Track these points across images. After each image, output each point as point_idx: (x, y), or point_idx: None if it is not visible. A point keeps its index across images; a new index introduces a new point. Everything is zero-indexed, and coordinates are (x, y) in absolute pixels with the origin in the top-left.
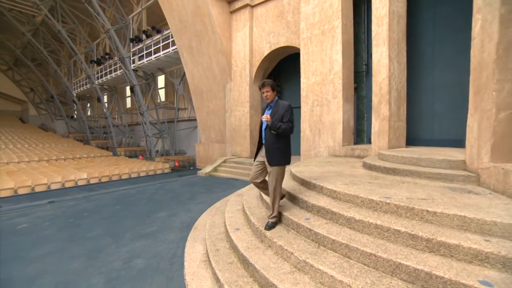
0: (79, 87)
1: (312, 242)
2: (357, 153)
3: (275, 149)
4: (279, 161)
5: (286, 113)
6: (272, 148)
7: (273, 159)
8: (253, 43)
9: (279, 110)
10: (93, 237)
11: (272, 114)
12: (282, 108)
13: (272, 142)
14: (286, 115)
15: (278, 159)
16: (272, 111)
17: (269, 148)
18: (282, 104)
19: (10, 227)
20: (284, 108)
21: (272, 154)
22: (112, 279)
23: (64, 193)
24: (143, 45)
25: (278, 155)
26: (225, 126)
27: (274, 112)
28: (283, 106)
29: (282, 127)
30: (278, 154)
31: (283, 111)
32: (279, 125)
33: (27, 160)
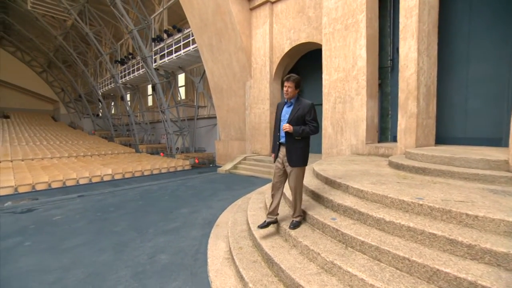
0: (104, 86)
1: (339, 243)
2: (381, 152)
3: (296, 149)
4: (299, 162)
5: (309, 112)
6: (292, 149)
7: (294, 159)
8: (273, 40)
9: (302, 108)
10: (119, 231)
11: (293, 112)
12: (305, 107)
13: (292, 142)
14: (309, 114)
15: (299, 160)
16: (293, 109)
17: (290, 148)
18: (304, 102)
19: (47, 218)
20: (308, 107)
21: (292, 155)
22: (138, 273)
23: (91, 187)
24: (165, 44)
25: (299, 155)
26: (245, 123)
27: (295, 110)
28: (306, 104)
29: (305, 131)
30: (299, 154)
31: (306, 110)
32: (301, 130)
33: (59, 156)
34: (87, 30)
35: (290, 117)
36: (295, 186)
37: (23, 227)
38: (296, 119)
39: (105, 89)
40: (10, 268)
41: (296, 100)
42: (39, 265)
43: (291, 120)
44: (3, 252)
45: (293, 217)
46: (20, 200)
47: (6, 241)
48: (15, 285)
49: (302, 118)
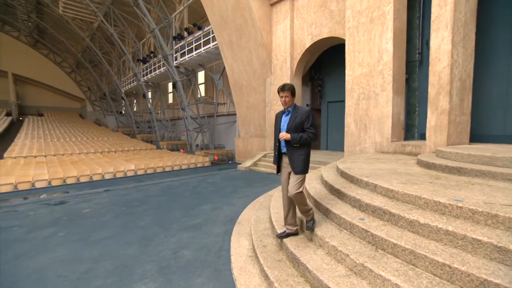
0: (127, 85)
1: (368, 245)
2: (408, 150)
3: (298, 157)
4: (303, 169)
5: (308, 119)
6: (295, 156)
7: (298, 167)
8: (294, 35)
9: (299, 116)
10: (144, 226)
11: (291, 121)
12: (303, 114)
13: (293, 150)
14: (307, 121)
15: (303, 167)
16: (290, 117)
17: (292, 156)
18: (301, 109)
19: (77, 211)
20: (305, 114)
21: (296, 163)
22: (163, 267)
23: (116, 182)
24: (185, 42)
25: (302, 162)
26: (265, 120)
27: (293, 118)
28: (303, 112)
29: (303, 137)
30: (302, 161)
31: (303, 117)
32: (299, 137)
33: (86, 151)
34: (112, 31)
35: (288, 125)
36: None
37: (57, 218)
38: (294, 127)
39: (128, 87)
40: (49, 256)
41: (293, 108)
42: (72, 255)
43: (290, 129)
44: (42, 240)
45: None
46: (53, 192)
47: (44, 230)
48: (52, 273)
49: (301, 126)
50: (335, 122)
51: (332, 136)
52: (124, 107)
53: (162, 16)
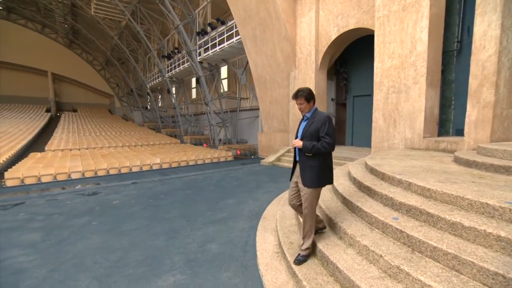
0: (152, 81)
1: (403, 246)
2: (442, 147)
3: (309, 168)
4: (312, 182)
5: (323, 126)
6: (305, 167)
7: (306, 179)
8: (319, 27)
9: (315, 121)
10: (170, 218)
11: (306, 127)
12: (318, 121)
13: (305, 160)
14: (323, 129)
15: (312, 180)
16: (307, 123)
17: (303, 166)
18: (319, 115)
19: (108, 202)
20: (321, 121)
21: (305, 174)
22: (191, 260)
23: (143, 175)
24: (208, 38)
25: (313, 175)
26: (288, 115)
27: (308, 125)
28: (320, 118)
29: (315, 147)
30: (313, 173)
31: (319, 124)
32: (311, 146)
33: (114, 145)
34: (138, 29)
35: (303, 132)
36: (306, 212)
37: (90, 208)
38: (309, 135)
39: (153, 83)
40: (85, 243)
41: (312, 113)
42: (105, 243)
43: (304, 136)
44: (79, 228)
45: (300, 249)
46: (86, 184)
47: (80, 219)
48: (89, 259)
49: (316, 133)
50: (361, 117)
51: (357, 132)
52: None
53: (186, 12)
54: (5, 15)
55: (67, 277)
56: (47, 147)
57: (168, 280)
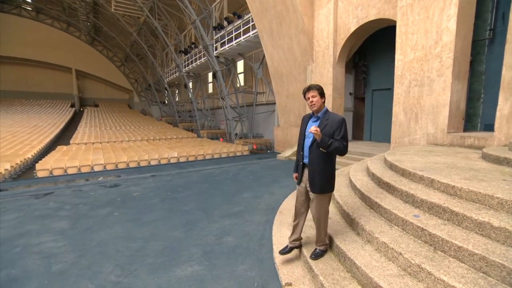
0: (170, 76)
1: (425, 244)
2: (469, 143)
3: (321, 172)
4: (324, 187)
5: (339, 129)
6: (317, 171)
7: (318, 184)
8: (337, 19)
9: (330, 123)
10: (188, 211)
11: (320, 127)
12: (335, 122)
13: (317, 164)
14: (339, 132)
15: (324, 184)
16: (319, 124)
17: (314, 171)
18: (333, 117)
19: (128, 194)
20: (337, 122)
21: (316, 179)
22: (208, 252)
23: (161, 168)
24: (225, 32)
25: (324, 179)
26: (305, 109)
27: (322, 126)
28: (336, 119)
29: (334, 144)
30: (324, 178)
31: (335, 126)
32: (330, 142)
33: (134, 139)
34: (156, 24)
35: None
36: (318, 216)
37: (112, 199)
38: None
39: (170, 78)
40: (108, 232)
41: (324, 114)
42: (126, 233)
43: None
44: (102, 218)
45: (316, 245)
46: (107, 176)
47: (103, 209)
48: (112, 247)
49: (330, 135)
50: (380, 111)
51: (376, 126)
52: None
53: (203, 7)
54: (34, 15)
55: (93, 263)
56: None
57: (186, 270)
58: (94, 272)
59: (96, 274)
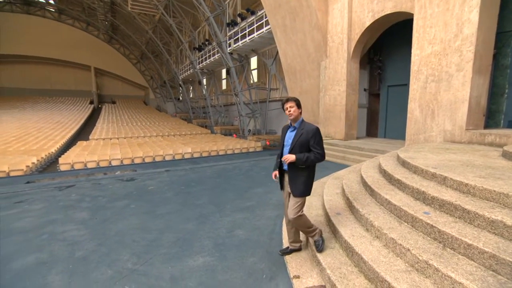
0: (184, 72)
1: (434, 241)
2: (489, 140)
3: (299, 177)
4: (303, 192)
5: (314, 137)
6: (295, 177)
7: (297, 189)
8: (352, 14)
9: (305, 132)
10: (200, 205)
11: (296, 137)
12: (309, 131)
13: (295, 171)
14: (313, 139)
15: (303, 189)
16: (296, 133)
17: (292, 176)
18: (308, 126)
19: (144, 187)
20: (312, 131)
21: (296, 184)
22: (219, 244)
23: (175, 164)
24: (238, 28)
25: (302, 184)
26: (319, 106)
27: (298, 135)
28: (310, 129)
29: (309, 159)
30: (302, 183)
31: (310, 135)
32: (305, 158)
33: (149, 135)
34: (171, 22)
35: (293, 142)
36: (296, 216)
37: (129, 192)
38: (299, 144)
39: (185, 75)
40: (125, 223)
41: (300, 123)
42: (142, 225)
43: (294, 146)
44: (119, 210)
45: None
46: (124, 170)
47: (120, 202)
48: (128, 237)
49: (306, 144)
50: (396, 108)
51: (391, 123)
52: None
53: (216, 4)
54: (57, 16)
55: (111, 251)
56: (91, 136)
57: (198, 261)
58: (112, 260)
59: (114, 261)
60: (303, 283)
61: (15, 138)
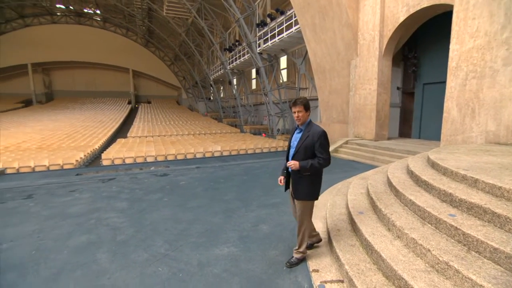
0: (215, 73)
1: (458, 244)
2: None
3: (302, 181)
4: (306, 195)
5: (319, 141)
6: (298, 180)
7: (300, 192)
8: (384, 9)
9: (311, 135)
10: (228, 200)
11: (301, 140)
12: (315, 134)
13: (300, 173)
14: (318, 143)
15: (306, 192)
16: (302, 136)
17: (295, 179)
18: (314, 129)
19: (176, 182)
20: (317, 135)
21: (298, 187)
22: (243, 237)
23: (205, 161)
24: (268, 28)
25: (306, 187)
26: (348, 105)
27: (304, 137)
28: (316, 132)
29: (313, 166)
30: (306, 186)
31: (315, 138)
32: (309, 165)
33: (181, 133)
34: (203, 24)
35: (298, 145)
36: (300, 220)
37: (162, 186)
38: (304, 148)
39: (215, 75)
40: (159, 214)
41: (307, 126)
42: (173, 216)
43: (299, 149)
44: (154, 202)
45: (294, 252)
46: (158, 166)
47: (154, 195)
48: (161, 226)
49: (312, 147)
50: (432, 106)
51: (426, 123)
52: (212, 94)
53: (246, 5)
54: (102, 24)
55: (147, 237)
56: (129, 134)
57: (223, 250)
58: (147, 245)
59: (150, 246)
60: (322, 276)
61: (67, 135)
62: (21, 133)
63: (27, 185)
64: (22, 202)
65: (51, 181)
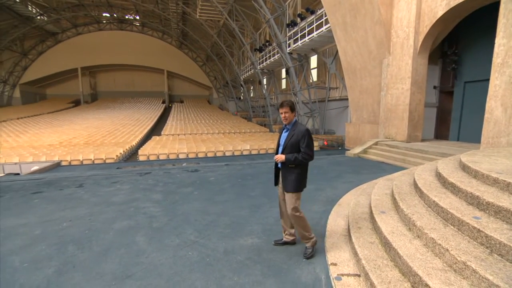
0: (245, 73)
1: (479, 246)
2: None
3: (290, 174)
4: (294, 187)
5: (303, 139)
6: (287, 174)
7: (290, 185)
8: (421, 4)
9: (296, 134)
10: (254, 196)
11: (287, 138)
12: (299, 133)
13: (286, 168)
14: (303, 141)
15: (293, 184)
16: (288, 134)
17: (284, 173)
18: (299, 128)
19: (206, 178)
20: (301, 133)
21: (287, 180)
22: (267, 230)
23: (234, 159)
24: (298, 28)
25: (293, 180)
26: (379, 105)
27: (290, 136)
28: (300, 130)
29: (297, 159)
30: (293, 179)
31: (300, 136)
32: (293, 158)
33: (212, 132)
34: (234, 26)
35: (285, 143)
36: (290, 213)
37: (193, 181)
38: (290, 146)
39: (246, 75)
40: (189, 206)
41: (293, 125)
42: (203, 208)
43: (286, 147)
44: (185, 195)
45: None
46: (189, 163)
47: (186, 189)
48: (191, 217)
49: (297, 144)
50: (473, 106)
51: (467, 124)
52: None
53: (277, 5)
54: (140, 29)
55: (179, 226)
56: (163, 132)
57: (247, 241)
58: (179, 232)
59: (181, 233)
60: (339, 269)
61: (108, 132)
62: (72, 130)
63: (78, 176)
64: (75, 190)
65: (97, 173)
